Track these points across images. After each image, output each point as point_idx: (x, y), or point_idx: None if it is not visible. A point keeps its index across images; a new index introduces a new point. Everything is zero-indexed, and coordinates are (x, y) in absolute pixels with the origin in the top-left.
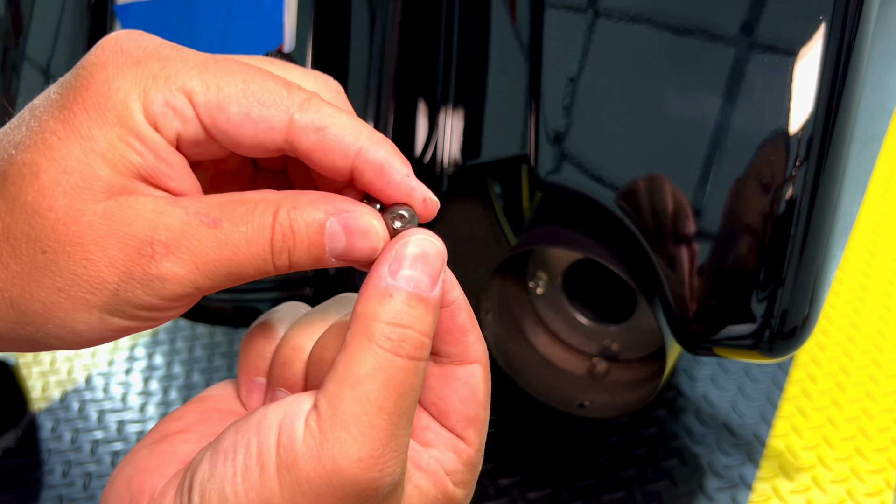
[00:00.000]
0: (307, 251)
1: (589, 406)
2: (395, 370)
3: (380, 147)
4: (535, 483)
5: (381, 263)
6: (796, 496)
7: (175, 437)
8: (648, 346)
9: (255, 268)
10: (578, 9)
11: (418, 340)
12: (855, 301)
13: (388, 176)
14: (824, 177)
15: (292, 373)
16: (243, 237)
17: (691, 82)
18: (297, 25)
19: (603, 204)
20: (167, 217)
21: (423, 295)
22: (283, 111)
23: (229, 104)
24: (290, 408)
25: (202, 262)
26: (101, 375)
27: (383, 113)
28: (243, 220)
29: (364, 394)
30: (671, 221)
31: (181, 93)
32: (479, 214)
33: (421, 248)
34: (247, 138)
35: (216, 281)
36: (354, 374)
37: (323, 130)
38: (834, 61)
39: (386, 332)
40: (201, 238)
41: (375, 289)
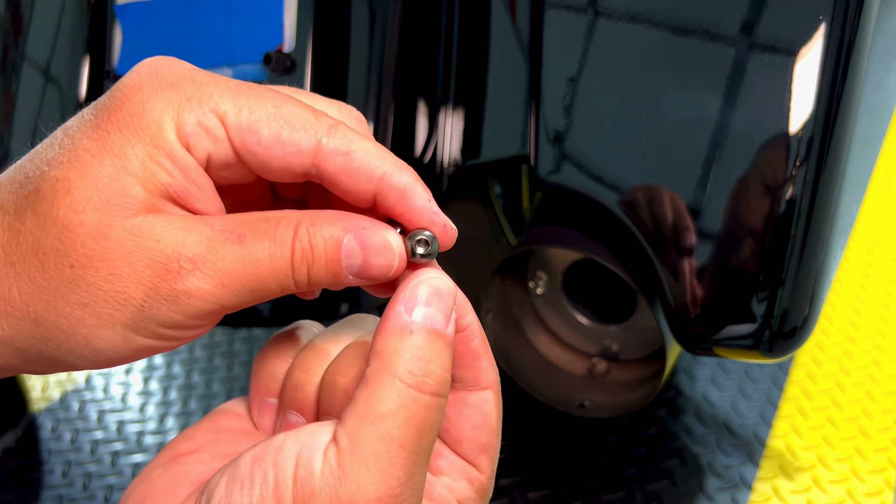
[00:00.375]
0: (325, 267)
1: (589, 406)
2: (418, 407)
3: (403, 173)
4: (535, 483)
5: (397, 302)
6: (796, 496)
7: (188, 458)
8: (648, 346)
9: (277, 284)
10: (578, 9)
11: (441, 376)
12: (855, 301)
13: (411, 201)
14: (824, 177)
15: (304, 396)
16: (266, 253)
17: (691, 82)
18: (296, 25)
19: (603, 204)
20: (194, 234)
21: (441, 331)
22: (311, 135)
23: (260, 126)
24: (308, 440)
25: (227, 278)
26: (101, 375)
27: (383, 113)
28: (266, 235)
29: (386, 431)
30: (671, 221)
31: (214, 114)
32: (479, 214)
33: (434, 287)
34: (276, 161)
35: (240, 297)
36: (376, 410)
37: (349, 155)
38: (834, 61)
39: (410, 368)
40: (227, 254)
41: (395, 326)
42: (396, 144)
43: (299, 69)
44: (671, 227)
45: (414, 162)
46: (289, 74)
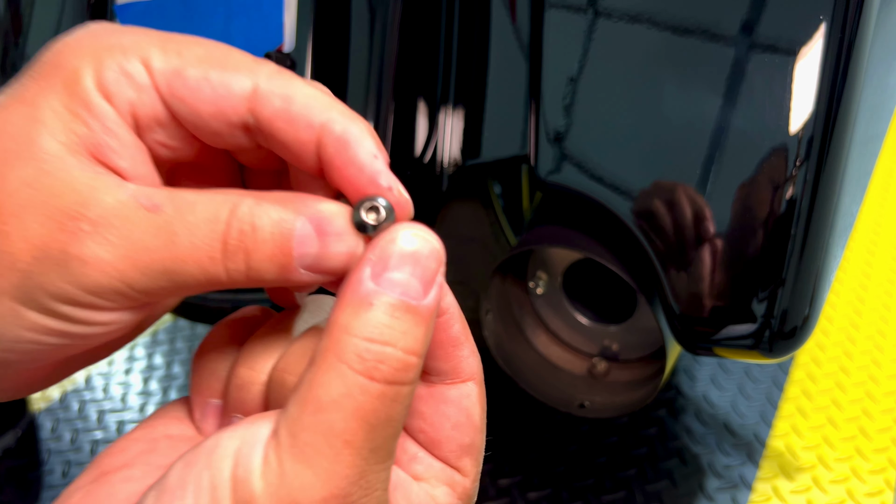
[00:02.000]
0: (270, 256)
1: (589, 406)
2: (367, 397)
3: (351, 122)
4: (535, 483)
5: (363, 264)
6: (796, 496)
7: (115, 475)
8: (649, 346)
9: (200, 269)
10: (579, 8)
11: (401, 361)
12: (855, 301)
13: (352, 151)
14: (824, 177)
15: (250, 397)
16: (189, 227)
17: (691, 82)
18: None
19: (603, 204)
20: (102, 193)
21: (413, 303)
22: (246, 77)
23: (188, 68)
24: (246, 434)
25: (134, 251)
26: (101, 375)
27: (383, 113)
28: (191, 208)
29: (327, 424)
30: (671, 221)
31: (138, 60)
32: (479, 214)
33: (412, 246)
34: (206, 105)
35: (151, 278)
36: (318, 398)
37: (290, 97)
38: (834, 61)
39: (359, 350)
40: (137, 221)
41: (353, 295)
42: (396, 144)
43: (299, 69)
44: (671, 227)
45: (414, 162)
46: None
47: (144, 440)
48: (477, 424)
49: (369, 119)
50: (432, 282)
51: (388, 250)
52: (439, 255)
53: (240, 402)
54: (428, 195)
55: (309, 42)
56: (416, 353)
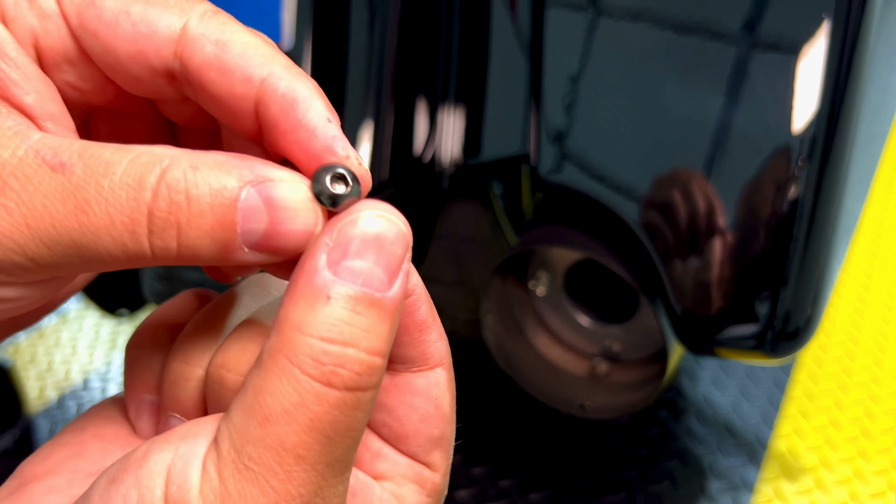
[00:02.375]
0: (208, 231)
1: (590, 407)
2: (324, 407)
3: (297, 79)
4: (535, 484)
5: (318, 250)
6: (799, 497)
7: (37, 485)
8: (650, 346)
9: (118, 245)
10: (580, 6)
11: (364, 363)
12: (858, 302)
13: (302, 113)
14: (827, 176)
15: (186, 395)
16: (104, 194)
17: (693, 81)
18: (295, 24)
19: (604, 203)
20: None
21: (377, 296)
22: (174, 14)
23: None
24: (182, 445)
25: (35, 219)
26: (99, 377)
27: (383, 112)
28: (108, 170)
29: (278, 438)
30: (673, 221)
31: None
32: (480, 214)
33: (375, 229)
34: (124, 45)
35: (56, 253)
36: (266, 407)
37: (224, 44)
38: (837, 60)
39: (315, 353)
40: (39, 182)
41: (307, 286)
42: (396, 144)
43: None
44: (673, 226)
45: (414, 161)
46: None
47: (72, 443)
48: (447, 414)
49: (369, 119)
50: (398, 270)
51: (348, 233)
52: (406, 239)
53: (175, 400)
54: (428, 195)
55: (308, 40)
56: (380, 354)
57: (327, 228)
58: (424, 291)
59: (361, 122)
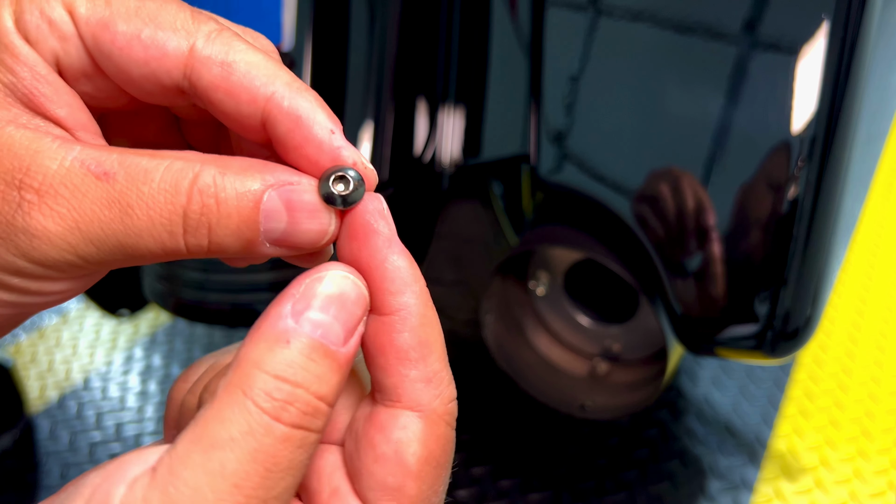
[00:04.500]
0: (235, 230)
1: (590, 407)
2: (270, 440)
3: (299, 94)
4: (535, 485)
5: (285, 299)
6: (799, 497)
7: None
8: (650, 346)
9: (158, 243)
10: (580, 7)
11: (311, 406)
12: (857, 302)
13: (307, 130)
14: (827, 177)
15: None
16: (144, 199)
17: (693, 81)
18: (295, 24)
19: (604, 204)
20: (45, 157)
21: (332, 348)
22: (182, 36)
23: (116, 21)
24: (114, 468)
25: (85, 222)
26: (99, 377)
27: (383, 112)
28: (147, 177)
29: (219, 464)
30: (673, 221)
31: (61, 4)
32: (480, 214)
33: (339, 288)
34: (136, 66)
35: (104, 252)
36: (213, 434)
37: (229, 66)
38: (837, 60)
39: (268, 388)
40: (86, 191)
41: (270, 329)
42: (396, 144)
43: (298, 68)
44: (673, 227)
45: (414, 162)
46: None
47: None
48: (409, 466)
49: (369, 119)
50: (354, 330)
51: (315, 289)
52: (366, 303)
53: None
54: (428, 195)
55: (308, 41)
56: (327, 401)
57: (296, 282)
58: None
59: (361, 122)
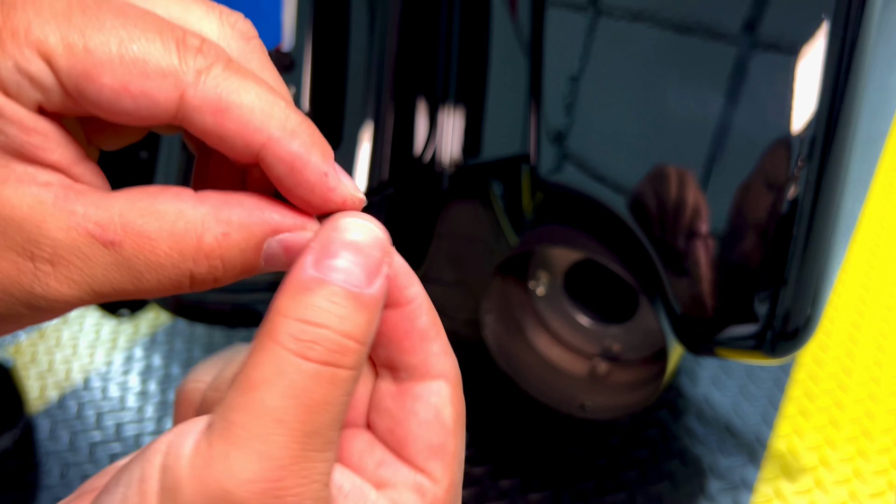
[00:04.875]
0: (238, 274)
1: (590, 407)
2: (301, 376)
3: (293, 138)
4: (535, 485)
5: (306, 252)
6: (798, 497)
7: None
8: (650, 346)
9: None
10: (580, 6)
11: (337, 343)
12: (857, 301)
13: (301, 175)
14: (827, 176)
15: None
16: (152, 266)
17: (693, 81)
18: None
19: (604, 204)
20: (50, 227)
21: (354, 290)
22: (170, 85)
23: (101, 72)
24: (184, 426)
25: (97, 284)
26: (99, 377)
27: (383, 112)
28: (152, 245)
29: (258, 402)
30: (673, 221)
31: (36, 55)
32: (479, 214)
33: (354, 234)
34: (125, 114)
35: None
36: (249, 378)
37: (222, 114)
38: (836, 60)
39: (292, 331)
40: (96, 259)
41: (294, 282)
42: (396, 144)
43: (298, 68)
44: (673, 226)
45: (414, 161)
46: (287, 73)
47: None
48: (448, 425)
49: (369, 119)
50: (377, 272)
51: (330, 237)
52: (383, 245)
53: None
54: (428, 195)
55: (308, 41)
56: (354, 339)
57: (316, 234)
58: (428, 304)
59: (361, 122)
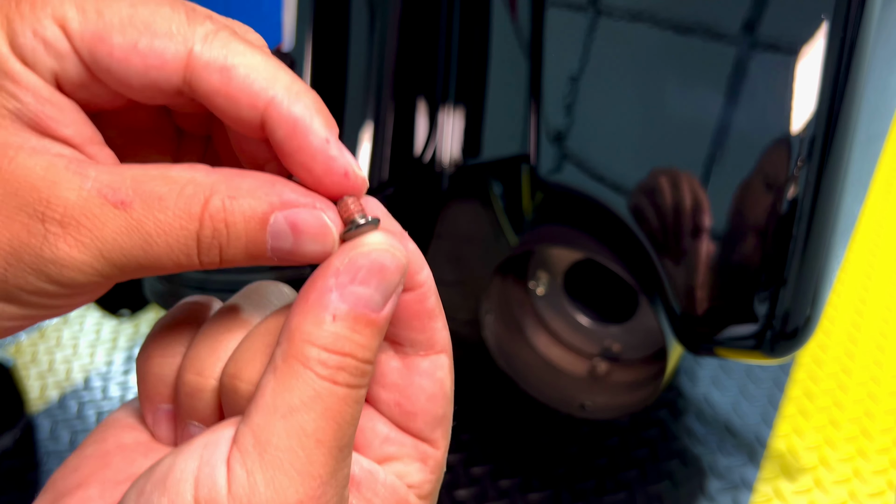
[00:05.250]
0: (244, 248)
1: (590, 407)
2: (334, 399)
3: (298, 100)
4: (535, 485)
5: (328, 272)
6: (798, 497)
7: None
8: (650, 346)
9: (174, 262)
10: (580, 7)
11: (359, 369)
12: (857, 302)
13: (303, 138)
14: (826, 177)
15: (203, 405)
16: (161, 227)
17: (693, 81)
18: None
19: (604, 204)
20: (63, 188)
21: (372, 316)
22: (179, 42)
23: (111, 33)
24: (205, 453)
25: (107, 249)
26: (100, 376)
27: (383, 112)
28: (162, 205)
29: (299, 425)
30: (673, 221)
31: (53, 21)
32: (479, 214)
33: (379, 260)
34: (135, 76)
35: (125, 271)
36: (287, 402)
37: (229, 71)
38: (836, 60)
39: (322, 358)
40: (106, 220)
41: (316, 304)
42: (396, 144)
43: (298, 68)
44: (673, 226)
45: (414, 162)
46: None
47: (97, 455)
48: (448, 395)
49: (369, 119)
50: (392, 294)
51: (357, 263)
52: (404, 269)
53: (192, 411)
54: (428, 195)
55: (308, 41)
56: (371, 362)
57: (339, 252)
58: (433, 284)
59: (361, 123)
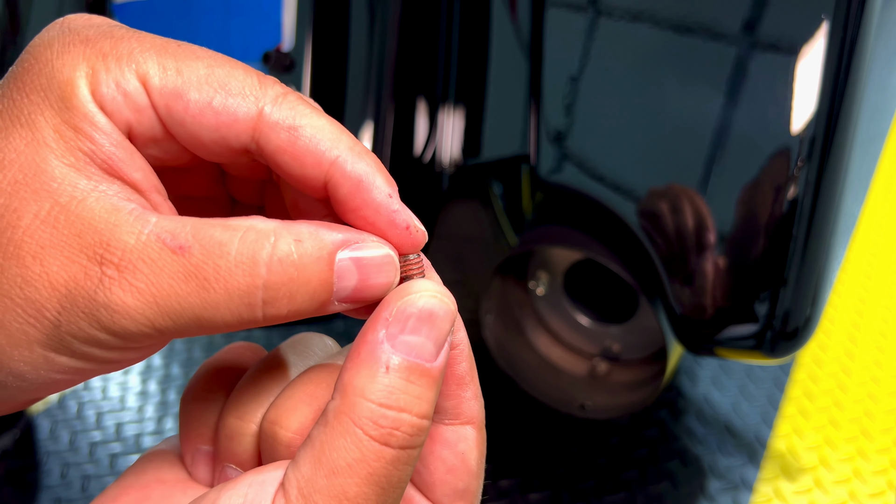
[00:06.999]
0: (312, 294)
1: (590, 407)
2: (381, 463)
3: (361, 159)
4: (535, 485)
5: (378, 324)
6: (798, 497)
7: None
8: (650, 346)
9: (235, 316)
10: (580, 7)
11: (415, 426)
12: (857, 302)
13: (367, 193)
14: (826, 177)
15: (241, 449)
16: (222, 273)
17: (693, 81)
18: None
19: (604, 204)
20: (123, 231)
21: (427, 366)
22: (251, 102)
23: (189, 90)
24: (250, 492)
25: (163, 297)
26: (100, 377)
27: (383, 112)
28: (222, 250)
29: (341, 489)
30: (672, 221)
31: (135, 76)
32: (479, 214)
33: (429, 307)
34: (208, 132)
35: (179, 325)
36: (333, 462)
37: (296, 130)
38: (836, 60)
39: (375, 416)
40: (163, 265)
41: (368, 356)
42: (396, 144)
43: (298, 68)
44: (673, 226)
45: (414, 162)
46: (288, 73)
47: (136, 487)
48: (472, 470)
49: (369, 119)
50: (444, 342)
51: (406, 311)
52: (453, 316)
53: (231, 452)
54: (428, 195)
55: (308, 41)
56: (427, 416)
57: (386, 303)
58: (468, 349)
59: (361, 122)
